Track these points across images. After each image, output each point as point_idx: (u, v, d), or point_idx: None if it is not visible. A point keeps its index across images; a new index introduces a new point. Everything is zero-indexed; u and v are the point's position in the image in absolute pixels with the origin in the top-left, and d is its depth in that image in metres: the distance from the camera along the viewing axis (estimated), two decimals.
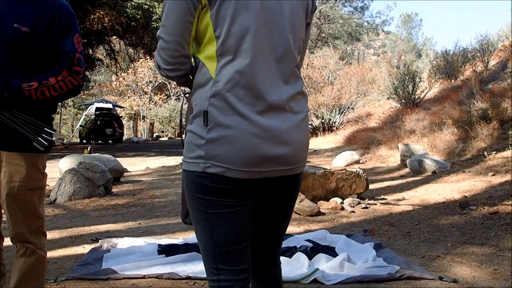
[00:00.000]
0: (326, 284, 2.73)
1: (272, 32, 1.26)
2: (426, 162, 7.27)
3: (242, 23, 1.21)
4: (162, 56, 1.26)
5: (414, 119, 11.05)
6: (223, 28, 1.21)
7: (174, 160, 11.72)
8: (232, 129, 1.20)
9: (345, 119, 17.44)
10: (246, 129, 1.21)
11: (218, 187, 1.24)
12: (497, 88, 10.11)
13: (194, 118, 1.26)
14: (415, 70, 13.42)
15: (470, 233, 3.87)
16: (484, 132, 7.57)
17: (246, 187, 1.27)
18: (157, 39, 1.28)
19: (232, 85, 1.21)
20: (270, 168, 1.26)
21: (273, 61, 1.26)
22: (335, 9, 30.29)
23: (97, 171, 6.34)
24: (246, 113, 1.21)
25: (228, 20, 1.20)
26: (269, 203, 1.37)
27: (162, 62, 1.27)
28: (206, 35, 1.24)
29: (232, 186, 1.25)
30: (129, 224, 4.54)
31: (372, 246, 3.40)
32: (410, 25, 51.50)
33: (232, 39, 1.21)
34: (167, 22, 1.23)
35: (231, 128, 1.20)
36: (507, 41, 15.80)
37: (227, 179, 1.23)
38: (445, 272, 2.90)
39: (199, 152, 1.24)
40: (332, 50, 21.10)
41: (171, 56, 1.25)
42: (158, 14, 17.52)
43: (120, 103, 30.93)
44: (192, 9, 1.21)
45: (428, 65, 18.98)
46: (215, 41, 1.23)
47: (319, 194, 5.31)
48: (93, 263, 3.07)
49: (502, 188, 5.11)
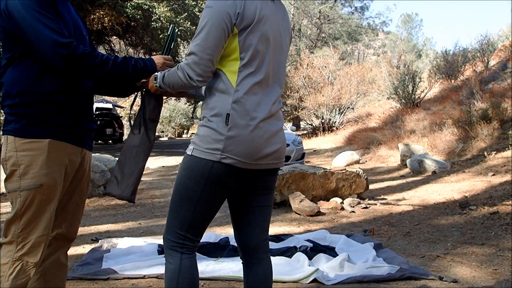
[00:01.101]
0: (326, 284, 2.73)
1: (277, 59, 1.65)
2: (426, 162, 7.26)
3: (262, 50, 1.57)
4: (196, 69, 1.53)
5: (414, 119, 11.05)
6: (247, 52, 1.55)
7: (174, 160, 11.71)
8: (246, 130, 1.54)
9: (345, 119, 17.45)
10: (256, 132, 1.55)
11: (222, 176, 1.56)
12: (497, 88, 10.12)
13: (213, 117, 1.55)
14: (415, 70, 13.42)
15: (470, 233, 3.87)
16: (484, 132, 7.57)
17: (244, 176, 1.61)
18: (190, 54, 1.54)
19: (249, 94, 1.55)
20: (267, 162, 1.62)
21: (276, 81, 1.65)
22: (335, 9, 30.27)
23: (97, 171, 6.33)
24: (257, 118, 1.55)
25: (253, 47, 1.55)
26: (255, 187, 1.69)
27: (194, 74, 1.54)
28: (232, 55, 1.56)
29: (235, 175, 1.58)
30: (129, 224, 4.54)
31: (372, 246, 3.40)
32: (410, 25, 51.46)
33: (253, 61, 1.56)
34: (206, 43, 1.51)
35: (245, 129, 1.54)
36: (507, 41, 15.81)
37: (236, 169, 1.56)
38: (445, 272, 2.90)
39: (217, 145, 1.53)
40: (332, 50, 21.08)
41: (204, 71, 1.53)
42: (158, 14, 17.50)
43: (120, 103, 30.92)
44: (227, 36, 1.53)
45: (428, 65, 18.98)
46: (239, 60, 1.56)
47: (319, 194, 5.31)
48: (93, 263, 3.07)
49: (502, 188, 5.11)
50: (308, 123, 19.59)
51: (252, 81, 1.56)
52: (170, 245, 1.62)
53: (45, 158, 1.65)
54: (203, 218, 1.63)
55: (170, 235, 1.63)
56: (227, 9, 1.50)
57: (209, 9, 1.52)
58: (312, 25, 31.27)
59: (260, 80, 1.57)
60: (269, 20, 1.59)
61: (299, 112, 18.61)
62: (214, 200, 1.62)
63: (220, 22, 1.50)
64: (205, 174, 1.56)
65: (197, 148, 1.57)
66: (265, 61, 1.59)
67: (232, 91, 1.55)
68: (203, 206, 1.60)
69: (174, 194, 1.64)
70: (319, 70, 18.80)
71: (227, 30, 1.52)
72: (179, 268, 1.59)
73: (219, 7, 1.51)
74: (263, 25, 1.57)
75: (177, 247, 1.61)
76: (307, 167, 5.72)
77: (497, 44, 16.06)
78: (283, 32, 1.68)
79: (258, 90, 1.57)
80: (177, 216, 1.62)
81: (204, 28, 1.52)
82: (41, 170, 1.64)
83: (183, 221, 1.61)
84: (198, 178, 1.57)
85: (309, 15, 30.10)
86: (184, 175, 1.61)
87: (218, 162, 1.54)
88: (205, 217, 1.64)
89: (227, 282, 2.80)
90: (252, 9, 1.54)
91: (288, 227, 4.35)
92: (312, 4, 29.55)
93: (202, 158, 1.55)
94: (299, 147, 9.09)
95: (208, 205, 1.61)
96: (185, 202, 1.60)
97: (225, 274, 2.88)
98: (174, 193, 1.64)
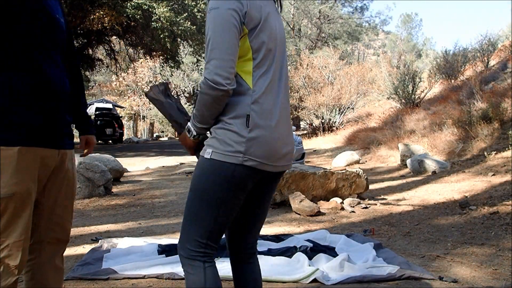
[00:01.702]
0: (326, 284, 2.73)
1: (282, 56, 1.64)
2: (426, 162, 7.26)
3: (272, 48, 1.57)
4: (221, 73, 1.44)
5: (414, 119, 11.06)
6: (260, 52, 1.53)
7: (174, 160, 11.71)
8: (267, 131, 1.51)
9: (345, 119, 17.45)
10: (273, 133, 1.53)
11: (244, 179, 1.51)
12: (497, 88, 10.12)
13: (232, 119, 1.50)
14: (415, 70, 13.42)
15: (470, 233, 3.87)
16: (484, 132, 7.57)
17: (260, 178, 1.57)
18: (209, 61, 1.46)
19: (266, 94, 1.53)
20: (282, 163, 1.60)
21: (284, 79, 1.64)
22: (335, 9, 30.28)
23: (97, 171, 6.34)
24: (275, 118, 1.54)
25: (265, 47, 1.54)
26: (262, 192, 1.67)
27: (221, 78, 1.44)
28: (245, 56, 1.53)
29: (255, 177, 1.54)
30: (129, 224, 4.54)
31: (372, 246, 3.40)
32: (410, 25, 51.50)
33: (265, 60, 1.55)
34: (223, 44, 1.45)
35: (266, 130, 1.51)
36: (507, 41, 15.82)
37: (257, 171, 1.52)
38: (445, 272, 2.90)
39: (239, 148, 1.48)
40: (332, 50, 21.09)
41: (230, 72, 1.46)
42: (158, 14, 17.50)
43: (120, 103, 30.95)
44: (238, 34, 1.47)
45: (428, 65, 18.98)
46: (251, 60, 1.53)
47: (319, 194, 5.31)
48: (93, 263, 3.07)
49: (502, 188, 5.11)
50: (308, 123, 19.60)
51: (266, 81, 1.54)
52: (190, 255, 1.55)
53: (14, 167, 1.55)
54: (225, 224, 1.57)
55: (190, 245, 1.55)
56: (234, 7, 1.46)
57: (215, 10, 1.47)
58: (312, 25, 31.28)
59: (271, 79, 1.56)
60: (271, 17, 1.59)
61: (299, 112, 18.61)
62: (236, 204, 1.56)
63: (231, 20, 1.45)
64: (227, 178, 1.49)
65: (216, 151, 1.50)
66: (274, 60, 1.58)
67: (249, 92, 1.51)
68: (225, 211, 1.53)
69: (192, 201, 1.56)
70: (319, 70, 18.81)
71: (239, 28, 1.47)
72: (203, 278, 1.52)
73: (226, 5, 1.46)
74: (269, 22, 1.56)
75: (199, 256, 1.54)
76: (307, 167, 5.72)
77: (497, 44, 16.06)
78: (282, 28, 1.69)
79: (271, 89, 1.56)
80: (197, 223, 1.55)
81: (215, 30, 1.46)
82: (11, 179, 1.55)
83: (205, 229, 1.54)
84: (220, 182, 1.50)
85: (309, 15, 30.12)
86: (203, 180, 1.53)
87: (241, 165, 1.48)
88: (226, 223, 1.57)
89: (227, 282, 2.80)
90: (257, 7, 1.52)
91: (288, 227, 4.35)
92: (312, 4, 29.57)
93: (224, 161, 1.48)
94: (299, 147, 9.09)
95: (230, 210, 1.55)
96: (207, 209, 1.53)
97: (224, 274, 2.87)
98: (192, 199, 1.55)
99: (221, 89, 1.44)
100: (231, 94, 1.49)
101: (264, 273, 2.86)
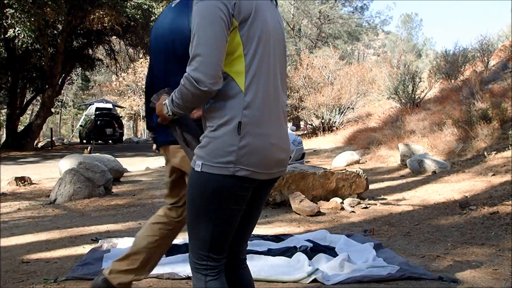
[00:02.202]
0: (326, 284, 2.73)
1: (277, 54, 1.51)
2: (426, 162, 7.26)
3: (266, 44, 1.44)
4: (206, 71, 1.33)
5: (414, 119, 11.06)
6: (251, 47, 1.41)
7: None
8: (260, 138, 1.41)
9: (345, 119, 17.44)
10: (267, 139, 1.44)
11: (237, 190, 1.42)
12: (497, 88, 10.12)
13: (222, 126, 1.39)
14: (415, 70, 13.43)
15: (470, 233, 3.87)
16: (484, 132, 7.56)
17: (257, 188, 1.50)
18: (194, 57, 1.35)
19: (260, 97, 1.42)
20: (277, 170, 1.51)
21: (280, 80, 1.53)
22: (335, 9, 30.29)
23: (97, 171, 6.34)
24: (270, 124, 1.44)
25: (256, 42, 1.41)
26: (256, 197, 1.57)
27: (205, 77, 1.33)
28: (235, 52, 1.40)
29: (248, 187, 1.45)
30: (129, 224, 4.53)
31: (372, 246, 3.39)
32: (410, 25, 51.52)
33: (258, 58, 1.42)
34: (209, 38, 1.33)
35: (259, 137, 1.41)
36: (507, 41, 15.82)
37: (251, 180, 1.43)
38: (445, 272, 2.90)
39: (230, 158, 1.38)
40: (332, 50, 21.09)
41: (215, 69, 1.34)
42: (158, 14, 17.49)
43: (120, 103, 30.95)
44: (226, 29, 1.36)
45: (428, 65, 18.98)
46: (243, 58, 1.40)
47: (319, 194, 5.31)
48: (93, 263, 3.07)
49: (502, 188, 5.11)
50: (305, 123, 19.60)
51: (260, 82, 1.42)
52: (195, 267, 1.53)
53: None
54: (224, 236, 1.50)
55: (193, 257, 1.53)
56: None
57: (201, 2, 1.36)
58: (312, 25, 31.27)
59: (266, 80, 1.44)
60: (265, 8, 1.47)
61: (299, 112, 18.61)
62: (232, 215, 1.48)
63: (217, 12, 1.34)
64: (217, 191, 1.41)
65: (206, 163, 1.41)
66: (269, 57, 1.46)
67: (241, 95, 1.40)
68: (220, 224, 1.47)
69: (189, 214, 1.51)
70: (319, 70, 18.80)
71: (226, 20, 1.36)
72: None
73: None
74: (262, 15, 1.44)
75: (201, 269, 1.51)
76: (307, 167, 5.72)
77: (497, 44, 16.07)
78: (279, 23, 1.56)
79: (265, 92, 1.44)
80: (196, 236, 1.51)
81: (200, 24, 1.36)
82: None
83: (203, 242, 1.49)
84: (211, 196, 1.43)
85: (309, 15, 30.12)
86: (195, 194, 1.47)
87: (231, 175, 1.39)
88: (226, 234, 1.50)
89: None
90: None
91: (288, 227, 4.35)
92: (312, 4, 29.57)
93: (213, 173, 1.40)
94: (299, 147, 9.09)
95: (226, 221, 1.48)
96: (201, 223, 1.48)
97: None
98: (189, 212, 1.51)
99: (203, 89, 1.34)
100: (222, 97, 1.40)
101: (264, 273, 2.87)
